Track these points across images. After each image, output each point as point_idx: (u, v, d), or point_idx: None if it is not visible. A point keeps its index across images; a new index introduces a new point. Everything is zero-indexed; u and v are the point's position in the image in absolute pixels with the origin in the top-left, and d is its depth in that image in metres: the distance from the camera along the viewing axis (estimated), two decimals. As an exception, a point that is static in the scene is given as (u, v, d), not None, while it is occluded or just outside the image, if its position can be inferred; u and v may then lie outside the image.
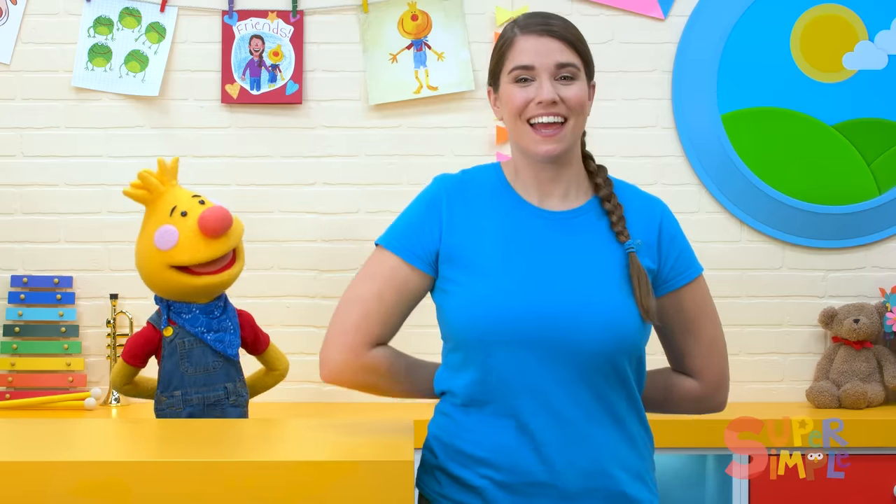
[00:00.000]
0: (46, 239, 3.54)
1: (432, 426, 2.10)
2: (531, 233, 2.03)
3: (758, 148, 3.56)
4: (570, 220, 2.05)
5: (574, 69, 2.01)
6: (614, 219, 2.03)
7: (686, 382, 2.15)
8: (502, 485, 1.99)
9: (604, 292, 1.98)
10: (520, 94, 2.01)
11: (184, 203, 2.74)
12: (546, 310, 1.96)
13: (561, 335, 1.95)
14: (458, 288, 2.01)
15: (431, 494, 2.06)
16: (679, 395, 2.15)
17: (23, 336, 3.51)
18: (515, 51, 2.02)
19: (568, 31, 2.03)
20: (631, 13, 3.57)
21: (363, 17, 3.55)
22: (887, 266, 3.59)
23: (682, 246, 2.10)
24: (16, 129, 3.54)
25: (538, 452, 1.97)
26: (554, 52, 2.00)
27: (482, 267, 2.00)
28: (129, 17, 3.54)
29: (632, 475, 2.02)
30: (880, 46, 3.57)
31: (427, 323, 2.23)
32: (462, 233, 2.04)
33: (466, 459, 2.02)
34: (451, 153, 3.55)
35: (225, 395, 2.72)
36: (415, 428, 2.11)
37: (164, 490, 1.72)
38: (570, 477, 1.98)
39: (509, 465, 1.98)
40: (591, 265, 2.00)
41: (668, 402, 2.17)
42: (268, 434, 2.13)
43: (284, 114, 3.56)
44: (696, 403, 2.16)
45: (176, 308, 2.74)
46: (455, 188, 2.08)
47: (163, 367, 2.73)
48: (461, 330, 2.00)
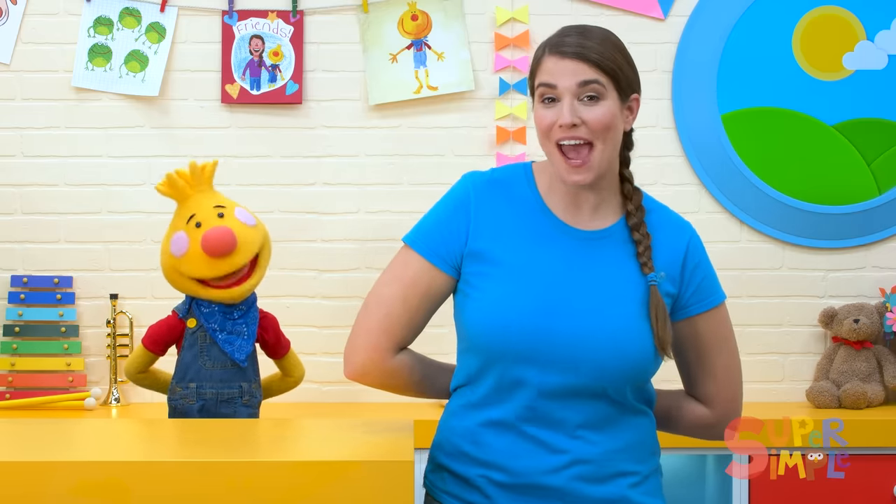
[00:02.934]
0: (46, 239, 3.54)
1: (441, 424, 2.11)
2: (556, 249, 2.02)
3: (758, 148, 3.56)
4: (597, 240, 2.03)
5: (599, 87, 1.95)
6: (641, 249, 2.01)
7: (697, 408, 2.15)
8: (503, 485, 2.00)
9: (620, 318, 1.98)
10: (546, 116, 1.98)
11: (202, 213, 2.73)
12: (559, 328, 1.96)
13: (572, 354, 1.96)
14: (476, 293, 2.01)
15: (436, 492, 2.08)
16: (689, 419, 2.16)
17: (23, 336, 3.51)
18: (542, 70, 1.99)
19: (594, 49, 1.96)
20: (631, 13, 3.57)
21: (363, 17, 3.55)
22: (887, 266, 3.59)
23: (705, 273, 2.09)
24: (16, 129, 3.54)
25: (540, 455, 1.99)
26: (577, 72, 1.95)
27: (502, 276, 2.00)
28: (129, 17, 3.54)
29: (634, 480, 2.03)
30: (880, 46, 3.57)
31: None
32: (487, 236, 2.03)
33: (469, 460, 2.03)
34: (451, 153, 3.55)
35: (239, 394, 2.72)
36: (415, 428, 2.11)
37: (164, 490, 1.72)
38: (571, 479, 1.98)
39: (511, 466, 2.00)
40: (611, 289, 2.00)
41: (678, 424, 2.18)
42: (268, 434, 2.13)
43: (284, 114, 3.56)
44: (705, 430, 2.17)
45: (199, 300, 2.75)
46: (484, 188, 2.05)
47: (182, 357, 2.74)
48: (474, 336, 2.01)
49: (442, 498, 2.06)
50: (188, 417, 2.70)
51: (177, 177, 2.75)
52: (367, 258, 3.53)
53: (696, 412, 2.15)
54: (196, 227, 2.71)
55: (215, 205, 2.75)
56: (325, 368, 3.51)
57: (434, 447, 2.11)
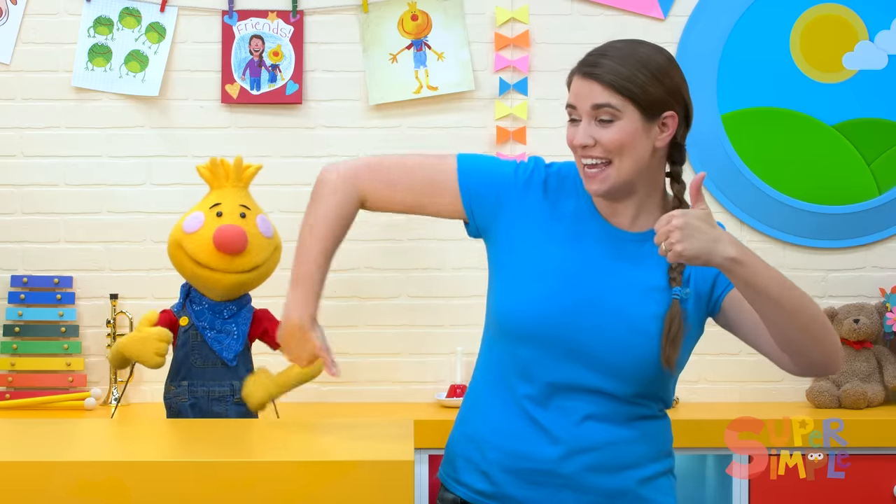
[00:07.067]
0: (46, 239, 3.54)
1: (462, 407, 2.16)
2: (593, 244, 2.04)
3: (758, 148, 3.56)
4: (635, 241, 2.05)
5: (612, 111, 1.96)
6: (674, 264, 1.99)
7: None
8: (509, 469, 2.04)
9: (635, 320, 1.99)
10: (569, 134, 2.02)
11: (228, 206, 2.78)
12: (580, 323, 1.99)
13: (586, 349, 1.99)
14: (511, 275, 2.04)
15: (447, 480, 2.12)
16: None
17: (23, 336, 3.50)
18: (570, 90, 2.03)
19: (611, 70, 1.96)
20: (631, 13, 3.57)
21: (363, 17, 3.55)
22: (887, 266, 3.58)
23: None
24: (16, 129, 3.54)
25: (547, 442, 2.01)
26: (592, 95, 1.97)
27: (540, 264, 2.03)
28: (129, 17, 3.54)
29: (643, 475, 2.04)
30: (880, 46, 3.56)
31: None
32: (524, 225, 2.06)
33: (480, 441, 2.07)
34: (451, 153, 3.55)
35: (230, 392, 2.73)
36: (415, 428, 2.12)
37: (164, 490, 1.72)
38: (578, 468, 2.01)
39: (518, 450, 2.03)
40: (635, 291, 2.01)
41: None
42: (268, 434, 2.13)
43: (284, 114, 3.56)
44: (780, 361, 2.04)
45: (193, 296, 2.77)
46: (542, 180, 2.08)
47: (175, 355, 2.75)
48: (503, 315, 2.04)
49: (452, 486, 2.10)
50: (182, 415, 2.71)
51: (220, 165, 2.82)
52: (367, 258, 3.53)
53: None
54: (217, 216, 2.76)
55: (242, 203, 2.80)
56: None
57: (450, 439, 2.17)
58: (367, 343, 3.51)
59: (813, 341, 1.92)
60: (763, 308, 1.90)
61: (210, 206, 2.79)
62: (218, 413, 2.71)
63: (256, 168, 2.87)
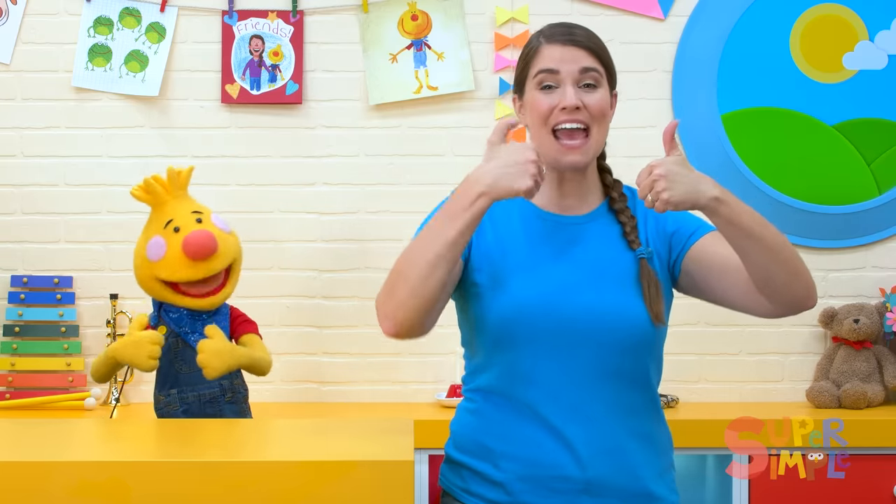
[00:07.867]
0: (46, 239, 3.54)
1: (455, 424, 2.14)
2: (551, 238, 2.07)
3: (758, 148, 3.56)
4: (586, 223, 2.10)
5: (597, 75, 2.05)
6: (627, 228, 2.08)
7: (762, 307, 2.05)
8: (525, 478, 2.02)
9: (614, 293, 2.03)
10: (545, 101, 2.05)
11: (180, 218, 2.75)
12: (565, 307, 2.01)
13: (579, 330, 2.00)
14: (486, 291, 2.05)
15: (454, 490, 2.09)
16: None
17: (23, 336, 3.51)
18: (540, 58, 2.06)
19: (591, 40, 2.08)
20: (631, 13, 3.57)
21: (363, 17, 3.55)
22: (887, 266, 3.58)
23: (682, 216, 2.10)
24: (16, 129, 3.54)
25: (562, 447, 2.01)
26: (578, 59, 2.04)
27: (507, 271, 2.05)
28: (129, 17, 3.54)
29: (653, 473, 2.05)
30: (880, 46, 3.57)
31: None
32: (490, 242, 2.09)
33: (490, 454, 2.05)
34: (451, 153, 3.55)
35: (220, 392, 2.72)
36: (415, 428, 2.11)
37: (164, 490, 1.72)
38: (594, 472, 2.01)
39: (534, 458, 2.02)
40: (603, 267, 2.05)
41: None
42: (268, 434, 2.13)
43: (284, 114, 3.56)
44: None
45: (166, 306, 2.75)
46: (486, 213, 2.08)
47: (159, 366, 2.73)
48: (489, 326, 2.04)
49: (462, 497, 2.08)
50: None
51: (154, 182, 2.77)
52: (367, 258, 3.53)
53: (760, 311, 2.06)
54: (174, 232, 2.73)
55: (193, 210, 2.78)
56: (326, 368, 3.51)
57: (450, 445, 2.13)
58: (367, 343, 3.51)
59: (794, 275, 1.95)
60: (745, 246, 1.92)
61: (164, 226, 2.75)
62: (212, 415, 2.71)
63: (189, 170, 2.84)
